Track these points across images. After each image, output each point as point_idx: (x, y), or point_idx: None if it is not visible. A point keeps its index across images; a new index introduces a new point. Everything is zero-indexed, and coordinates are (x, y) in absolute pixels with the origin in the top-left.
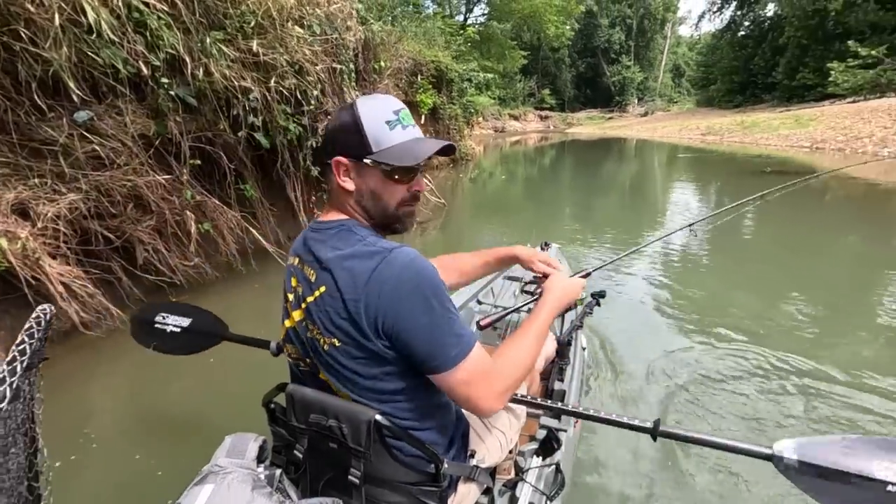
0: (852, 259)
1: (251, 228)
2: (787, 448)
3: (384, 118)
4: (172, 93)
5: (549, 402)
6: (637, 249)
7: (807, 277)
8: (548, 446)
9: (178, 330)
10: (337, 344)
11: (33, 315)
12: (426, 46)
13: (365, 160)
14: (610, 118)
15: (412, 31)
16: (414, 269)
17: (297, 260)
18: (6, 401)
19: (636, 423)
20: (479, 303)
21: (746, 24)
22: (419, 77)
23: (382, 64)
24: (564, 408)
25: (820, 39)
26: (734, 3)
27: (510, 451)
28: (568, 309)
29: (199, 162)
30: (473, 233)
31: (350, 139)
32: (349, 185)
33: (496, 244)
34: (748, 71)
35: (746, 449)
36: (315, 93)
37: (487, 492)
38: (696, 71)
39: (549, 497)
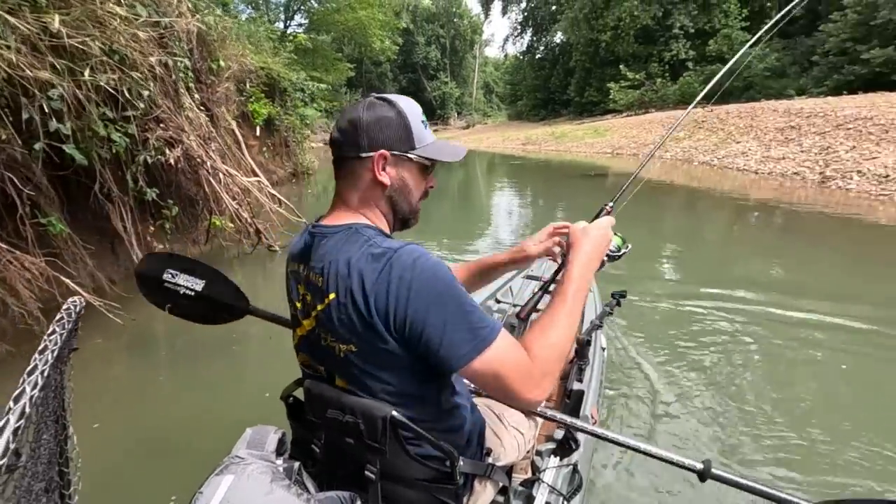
0: None
1: (61, 276)
2: None
3: (419, 118)
4: None
5: (602, 431)
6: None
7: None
8: (566, 446)
9: (192, 294)
10: (353, 349)
11: (64, 307)
12: (253, 51)
13: (409, 154)
14: (435, 130)
15: (234, 31)
16: (420, 266)
17: (300, 266)
18: (38, 388)
19: (685, 462)
20: (498, 301)
21: (542, 48)
22: (248, 84)
23: (221, 64)
24: (609, 435)
25: (599, 64)
26: (530, 30)
27: (527, 451)
28: (603, 264)
29: None
30: None
31: (396, 133)
32: (386, 178)
33: None
34: (547, 89)
35: (789, 501)
36: (145, 93)
37: (504, 491)
38: (504, 88)
39: (567, 497)
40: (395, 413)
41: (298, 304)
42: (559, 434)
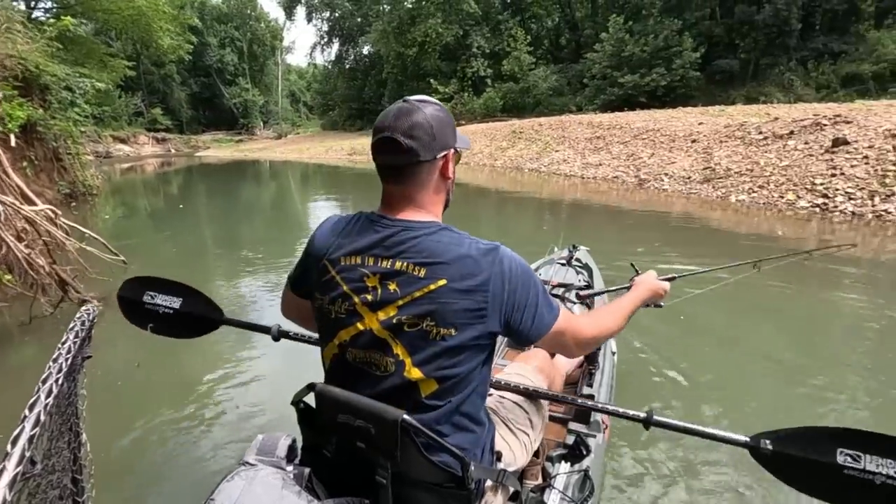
0: None
1: None
2: (763, 439)
3: None
4: None
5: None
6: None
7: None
8: (576, 452)
9: (171, 312)
10: (453, 333)
11: (77, 315)
12: None
13: (457, 147)
14: (239, 140)
15: None
16: (517, 260)
17: (370, 259)
18: (52, 396)
19: (630, 413)
20: None
21: (351, 58)
22: None
23: None
24: (610, 408)
25: (409, 77)
26: (338, 40)
27: (536, 455)
28: (648, 305)
29: None
30: None
31: (451, 131)
32: (451, 174)
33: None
34: (361, 99)
35: (728, 437)
36: None
37: (515, 497)
38: (313, 98)
39: None
40: (405, 417)
41: (369, 297)
42: (570, 439)
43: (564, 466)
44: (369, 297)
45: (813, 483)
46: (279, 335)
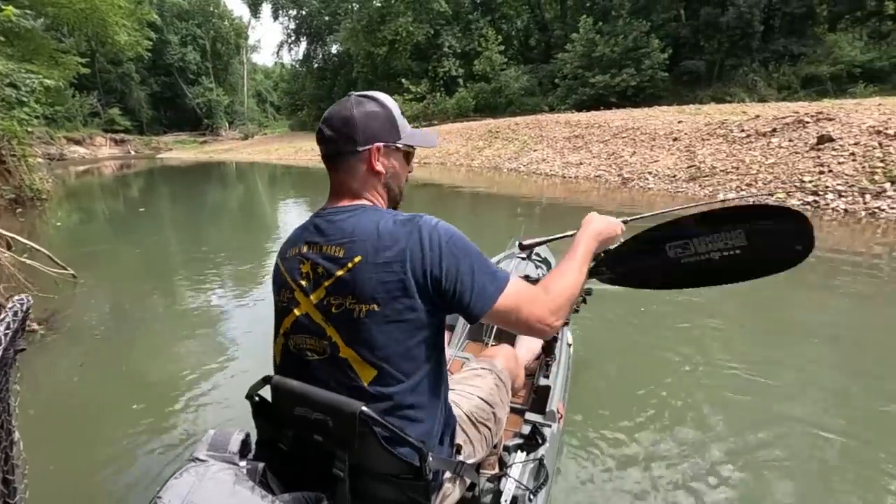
0: None
1: None
2: (600, 266)
3: (399, 110)
4: None
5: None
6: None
7: None
8: (532, 442)
9: None
10: (376, 308)
11: (9, 305)
12: None
13: (397, 144)
14: (204, 142)
15: None
16: (444, 227)
17: (302, 247)
18: None
19: None
20: None
21: (320, 57)
22: None
23: None
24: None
25: (380, 76)
26: (305, 39)
27: (494, 447)
28: (603, 254)
29: None
30: (133, 315)
31: (384, 126)
32: (381, 167)
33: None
34: (331, 99)
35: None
36: None
37: (472, 487)
38: (281, 98)
39: (533, 491)
40: (364, 409)
41: (304, 283)
42: (526, 429)
43: (520, 456)
44: (304, 283)
45: (657, 279)
46: None
